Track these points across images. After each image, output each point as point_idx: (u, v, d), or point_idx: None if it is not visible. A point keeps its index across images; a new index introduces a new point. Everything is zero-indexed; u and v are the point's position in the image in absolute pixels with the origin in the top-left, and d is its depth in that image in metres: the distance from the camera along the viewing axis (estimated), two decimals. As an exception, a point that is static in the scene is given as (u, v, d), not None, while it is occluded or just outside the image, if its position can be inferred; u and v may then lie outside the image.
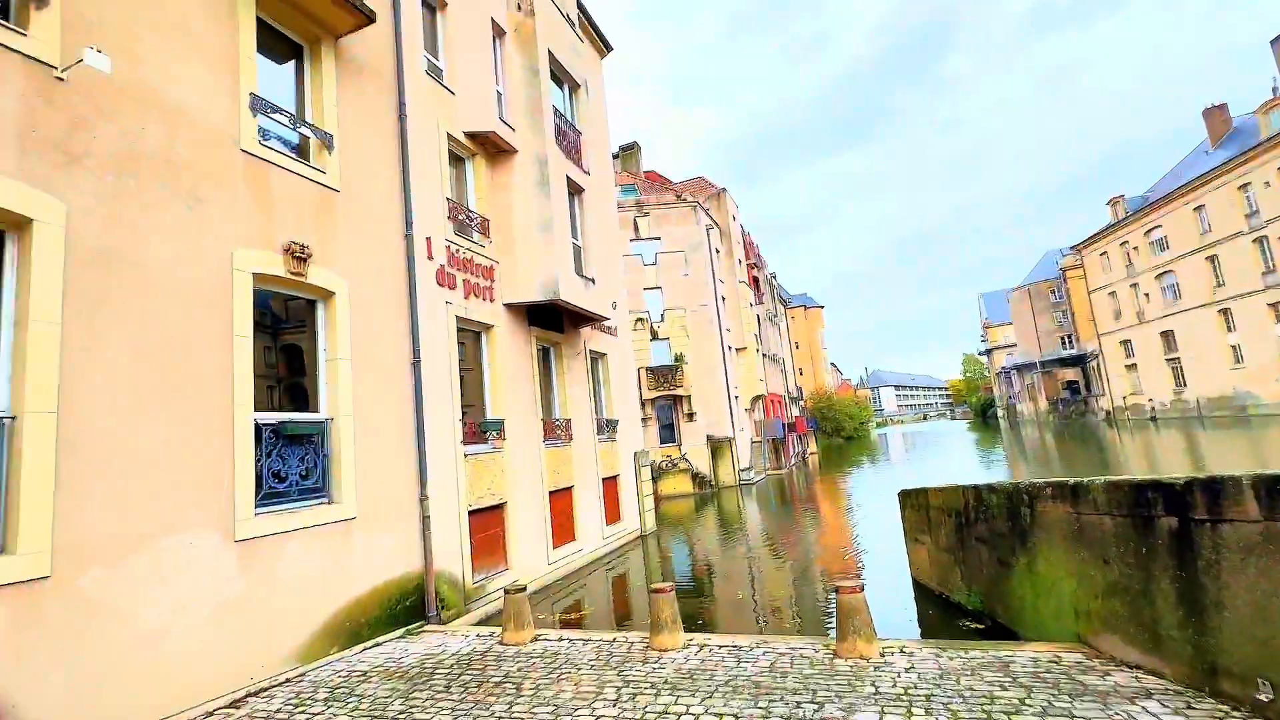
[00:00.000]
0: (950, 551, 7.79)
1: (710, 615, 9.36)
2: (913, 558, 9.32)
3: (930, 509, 8.35)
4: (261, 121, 6.97)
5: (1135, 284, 47.02)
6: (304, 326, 7.54)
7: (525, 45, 12.26)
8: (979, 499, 6.90)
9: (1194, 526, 3.97)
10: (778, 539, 15.44)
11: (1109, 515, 4.75)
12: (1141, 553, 4.42)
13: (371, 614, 7.25)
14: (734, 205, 35.18)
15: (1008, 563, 6.33)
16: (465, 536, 9.15)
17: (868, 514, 17.70)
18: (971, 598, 7.17)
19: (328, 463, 7.18)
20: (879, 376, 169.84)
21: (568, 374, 13.15)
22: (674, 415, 27.31)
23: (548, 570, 11.28)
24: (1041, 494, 5.64)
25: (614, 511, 14.56)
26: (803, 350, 69.83)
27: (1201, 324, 40.80)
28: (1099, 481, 4.84)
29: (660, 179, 37.43)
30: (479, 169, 11.22)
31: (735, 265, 33.15)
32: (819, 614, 8.95)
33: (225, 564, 5.76)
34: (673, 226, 28.95)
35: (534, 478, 11.33)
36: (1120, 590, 4.65)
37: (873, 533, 14.52)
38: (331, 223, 7.62)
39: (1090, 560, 4.98)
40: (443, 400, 9.09)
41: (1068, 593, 5.32)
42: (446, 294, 9.61)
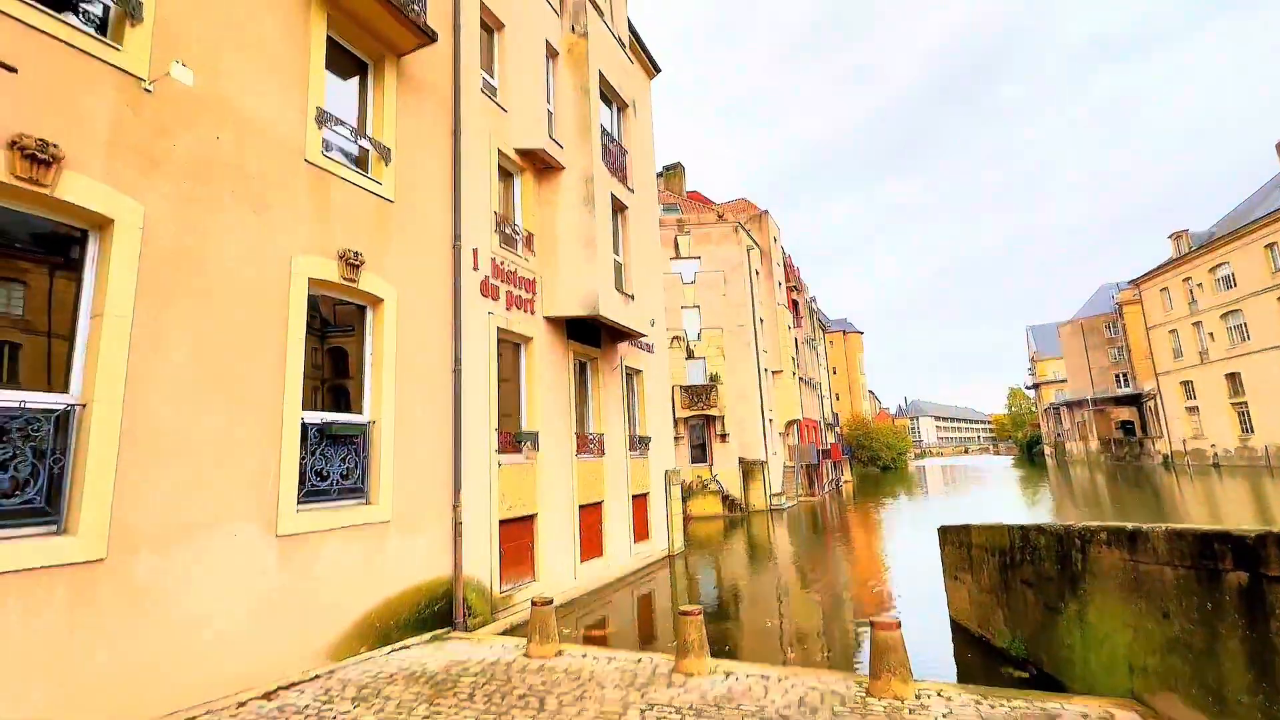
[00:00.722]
0: (992, 593, 7.45)
1: (737, 641, 9.15)
2: (951, 597, 8.95)
3: (972, 547, 8.02)
4: (325, 134, 7.30)
5: (1198, 322, 44.76)
6: (351, 330, 7.79)
7: (577, 66, 12.56)
8: (1026, 539, 6.59)
9: (1267, 583, 3.70)
10: (808, 568, 15.05)
11: (1170, 565, 4.47)
12: (1206, 608, 4.14)
13: (401, 616, 7.34)
14: (776, 227, 35.04)
15: (1055, 608, 6.01)
16: (495, 545, 9.21)
17: (903, 548, 17.12)
18: (1015, 643, 6.83)
19: (367, 464, 7.35)
20: (919, 406, 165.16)
21: (603, 389, 13.21)
22: (706, 435, 27.08)
23: (574, 585, 11.24)
24: (1095, 538, 5.36)
25: (642, 529, 14.46)
26: (840, 376, 68.55)
27: (1272, 367, 38.47)
28: (1160, 529, 4.57)
29: (702, 199, 37.61)
30: (526, 184, 11.48)
31: (775, 287, 32.91)
32: (849, 648, 8.66)
33: (266, 557, 5.93)
34: (713, 246, 28.98)
35: (565, 491, 11.36)
36: (1182, 647, 4.36)
37: (908, 568, 14.02)
38: (384, 232, 7.88)
39: (1148, 612, 4.69)
40: (480, 409, 9.22)
41: (1122, 645, 5.01)
42: (489, 304, 9.81)
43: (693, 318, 28.15)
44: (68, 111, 4.91)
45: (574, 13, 12.80)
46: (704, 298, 28.22)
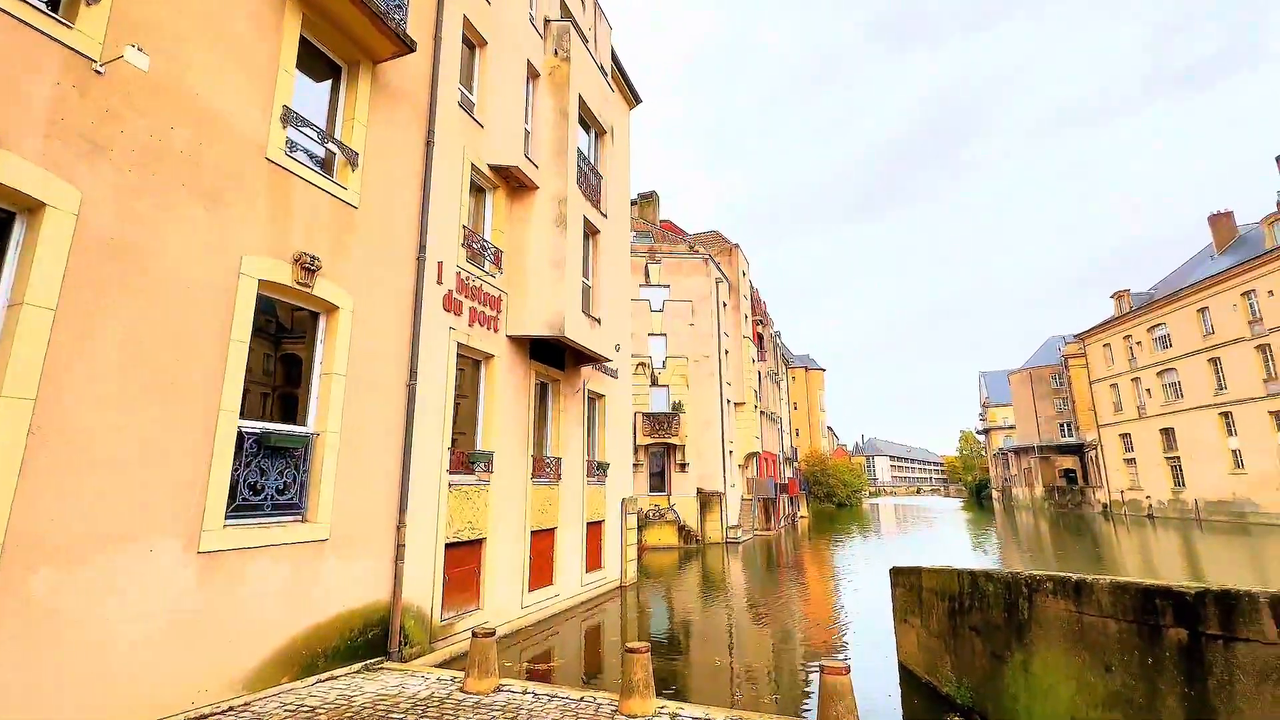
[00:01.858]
0: (941, 638, 7.45)
1: (685, 680, 8.91)
2: (901, 640, 8.93)
3: (923, 590, 8.04)
4: (290, 133, 7.07)
5: (1137, 378, 47.13)
6: (305, 338, 7.46)
7: (558, 88, 12.62)
8: (975, 586, 6.63)
9: (1205, 642, 3.75)
10: (761, 604, 14.90)
11: (1113, 619, 4.52)
12: (1147, 663, 4.18)
13: (330, 644, 6.89)
14: (745, 261, 35.65)
15: (1002, 657, 6.02)
16: (439, 570, 8.81)
17: (855, 587, 17.16)
18: (961, 691, 6.81)
19: (307, 479, 6.96)
20: (875, 445, 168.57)
21: (564, 412, 12.99)
22: (666, 464, 26.93)
23: (521, 614, 10.84)
24: (1042, 588, 5.40)
25: (595, 558, 14.12)
26: (801, 411, 69.53)
27: (1202, 425, 40.65)
28: (1104, 581, 4.63)
29: (675, 229, 38.10)
30: (499, 201, 11.36)
31: (741, 320, 33.33)
32: (798, 691, 8.50)
33: (184, 576, 5.49)
34: (683, 276, 29.26)
35: (517, 515, 11.02)
36: (1123, 702, 4.38)
37: (860, 607, 14.02)
38: (345, 238, 7.63)
39: (1091, 665, 4.72)
40: (434, 426, 8.91)
41: (1065, 698, 5.02)
42: (451, 319, 9.57)
43: (659, 345, 28.21)
44: (5, 86, 4.60)
45: (558, 36, 12.91)
46: (671, 326, 28.35)
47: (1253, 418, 36.79)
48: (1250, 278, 36.70)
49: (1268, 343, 35.58)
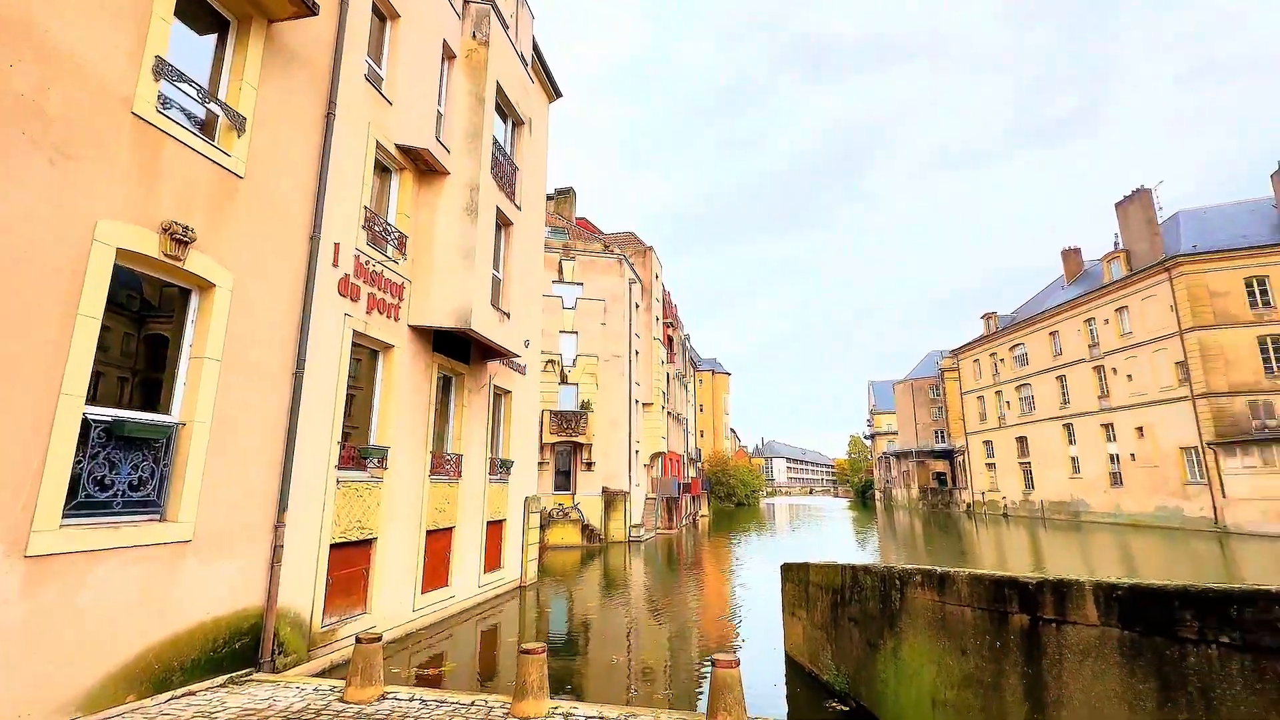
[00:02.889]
0: (824, 629, 7.92)
1: (582, 679, 8.89)
2: (788, 632, 9.41)
3: (810, 585, 8.51)
4: (165, 88, 6.34)
5: (999, 391, 52.64)
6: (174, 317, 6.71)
7: (475, 73, 12.20)
8: (855, 579, 7.10)
9: (1042, 625, 4.24)
10: (660, 601, 15.18)
11: (970, 607, 5.00)
12: (996, 646, 4.66)
13: (189, 656, 6.23)
14: (659, 264, 36.20)
15: (876, 645, 6.49)
16: (321, 573, 8.23)
17: (751, 582, 17.89)
18: (839, 678, 7.27)
19: (169, 473, 6.26)
20: (774, 447, 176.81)
21: (467, 407, 12.57)
22: (572, 463, 26.78)
23: (413, 617, 10.37)
24: (912, 580, 5.88)
25: (495, 558, 13.78)
26: (706, 413, 71.57)
27: (1049, 435, 46.10)
28: (964, 574, 5.11)
29: (591, 227, 38.01)
30: (405, 184, 10.81)
31: (653, 322, 33.81)
32: (692, 686, 8.73)
33: (6, 583, 4.76)
34: (597, 275, 29.23)
35: (412, 514, 10.53)
36: (974, 682, 4.86)
37: (753, 602, 14.62)
38: (227, 210, 6.95)
39: (950, 650, 5.19)
40: (322, 419, 8.32)
41: (927, 680, 5.49)
42: (347, 305, 8.98)
43: (570, 343, 28.01)
44: None
45: (477, 20, 12.48)
46: (583, 324, 28.24)
47: (1089, 429, 42.17)
48: (1090, 307, 42.07)
49: (1102, 364, 40.91)
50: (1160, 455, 36.17)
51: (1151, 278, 36.67)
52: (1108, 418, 40.38)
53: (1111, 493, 39.93)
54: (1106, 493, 40.32)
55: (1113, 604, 3.66)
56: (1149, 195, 39.32)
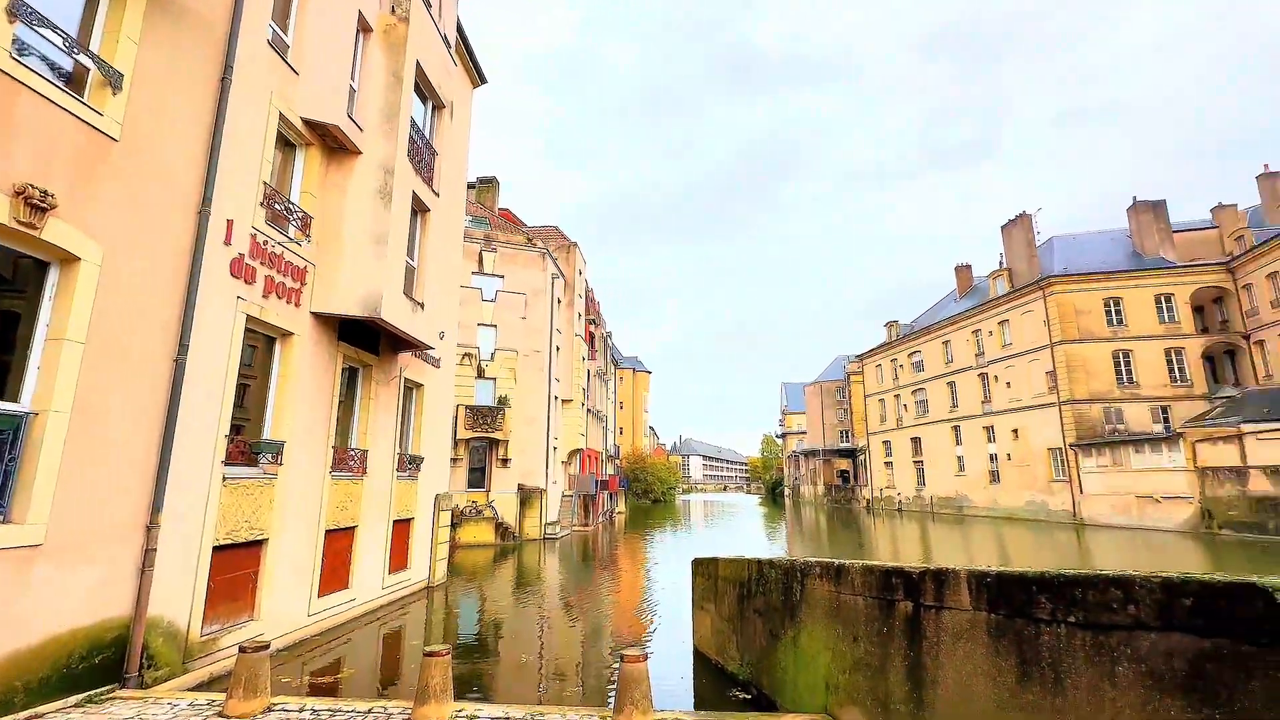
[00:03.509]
0: (730, 621, 8.19)
1: (490, 681, 8.70)
2: (697, 626, 9.65)
3: (718, 579, 8.77)
4: (21, 32, 5.59)
5: (898, 395, 56.50)
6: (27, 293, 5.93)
7: (393, 49, 11.61)
8: (761, 572, 7.39)
9: (923, 611, 4.59)
10: (574, 599, 15.13)
11: (862, 596, 5.33)
12: (883, 632, 4.99)
13: (37, 674, 5.55)
14: (583, 260, 36.01)
15: (778, 635, 6.79)
16: (202, 577, 7.57)
17: (664, 578, 18.19)
18: (743, 668, 7.54)
19: (15, 469, 5.54)
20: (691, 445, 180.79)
21: (374, 400, 11.97)
22: (488, 459, 26.14)
23: (308, 622, 9.75)
24: (812, 572, 6.20)
25: (401, 558, 13.22)
26: (626, 411, 72.02)
27: (940, 436, 50.02)
28: (858, 565, 5.44)
29: (514, 219, 37.22)
30: (312, 161, 10.13)
31: (575, 318, 33.60)
32: (603, 682, 8.77)
33: None
34: (518, 268, 28.67)
35: (310, 512, 9.90)
36: (864, 666, 5.19)
37: (665, 598, 14.88)
38: (97, 175, 6.23)
39: (843, 637, 5.52)
40: (207, 410, 7.65)
41: (822, 666, 5.81)
42: (240, 287, 8.30)
43: (488, 336, 27.32)
44: None
45: (396, -6, 11.87)
46: (502, 318, 27.62)
47: (973, 431, 46.10)
48: (978, 320, 46.01)
49: (986, 372, 44.85)
50: (1031, 455, 40.15)
51: (1029, 295, 40.60)
52: (989, 421, 44.33)
53: (990, 489, 43.88)
54: (986, 489, 44.27)
55: (983, 590, 4.03)
56: (1029, 220, 43.47)
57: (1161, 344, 36.60)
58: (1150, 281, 37.52)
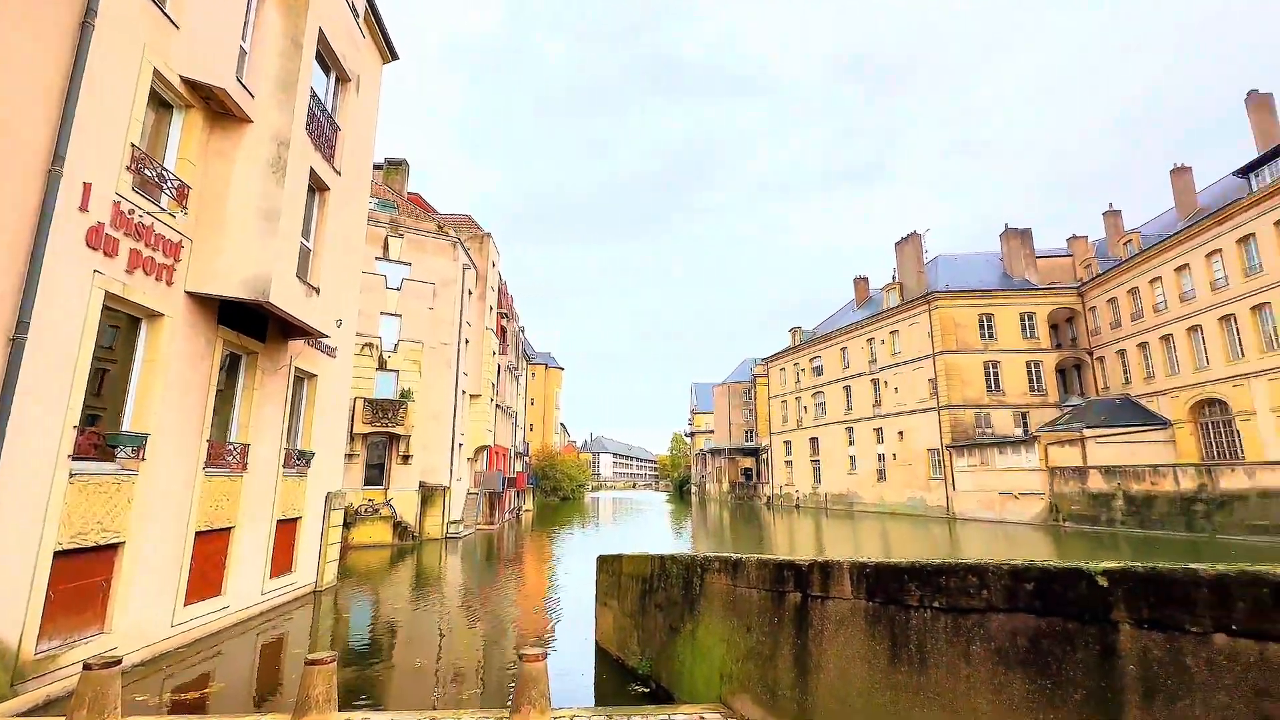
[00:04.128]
0: (633, 617, 8.29)
1: (382, 687, 8.29)
2: (599, 622, 9.70)
3: (622, 575, 8.86)
4: None
5: (799, 397, 59.57)
6: None
7: (292, 13, 10.76)
8: (663, 568, 7.54)
9: (810, 601, 4.87)
10: (476, 598, 14.73)
11: (756, 589, 5.58)
12: (774, 622, 5.25)
13: None
14: (496, 252, 35.11)
15: (677, 629, 6.96)
16: (40, 586, 6.67)
17: (570, 575, 18.12)
18: (643, 663, 7.67)
19: None
20: (602, 443, 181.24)
21: (259, 390, 11.05)
22: (388, 455, 24.88)
23: (172, 633, 8.86)
24: (711, 566, 6.41)
25: (285, 560, 12.31)
26: (537, 407, 71.03)
27: (835, 437, 53.29)
28: (753, 560, 5.69)
29: (425, 205, 35.65)
30: (192, 125, 9.19)
31: (486, 311, 32.69)
32: (505, 682, 8.61)
33: None
34: (428, 256, 27.48)
35: (178, 513, 8.99)
36: (756, 655, 5.43)
37: (570, 595, 14.83)
38: (-88, 119, 5.32)
39: (738, 628, 5.75)
40: (52, 397, 6.75)
41: (718, 657, 6.02)
42: (99, 260, 7.38)
43: (392, 326, 25.98)
44: None
45: (298, -47, 11.01)
46: (408, 307, 26.36)
47: (864, 432, 49.47)
48: (872, 329, 49.43)
49: (878, 377, 48.26)
50: (914, 455, 43.66)
51: (916, 308, 44.12)
52: (879, 423, 47.74)
53: (878, 486, 47.29)
54: (874, 486, 47.66)
55: (862, 580, 4.34)
56: (919, 239, 47.22)
57: (1024, 357, 41.01)
58: (1016, 301, 41.93)
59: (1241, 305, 29.03)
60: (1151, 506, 28.72)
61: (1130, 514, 29.46)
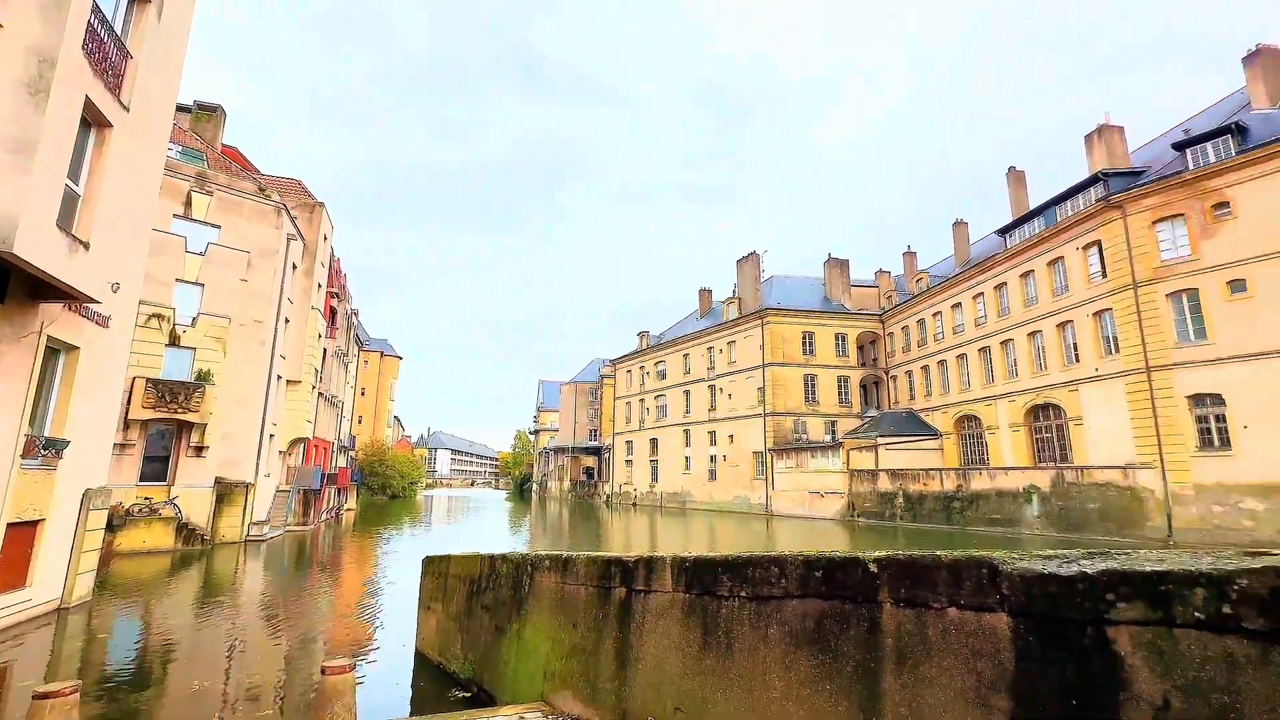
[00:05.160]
0: (458, 620, 7.98)
1: (147, 717, 7.07)
2: (421, 628, 9.20)
3: (449, 576, 8.48)
4: None
5: (643, 399, 61.73)
6: None
7: (70, -96, 8.81)
8: (493, 567, 7.36)
9: (634, 596, 5.05)
10: (281, 609, 13.17)
11: (585, 586, 5.66)
12: (599, 618, 5.37)
13: None
14: (330, 225, 31.83)
15: (504, 629, 6.83)
16: None
17: (393, 579, 16.95)
18: (465, 666, 7.41)
19: None
20: (440, 438, 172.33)
21: (-9, 362, 8.88)
22: (175, 446, 21.34)
23: None
24: (541, 565, 6.38)
25: (17, 573, 10.03)
26: (369, 398, 65.58)
27: (673, 438, 56.05)
28: (583, 556, 5.76)
29: (245, 162, 31.20)
30: (-96, 15, 7.13)
31: (314, 289, 29.45)
32: (309, 698, 7.79)
33: None
34: (242, 220, 24.08)
35: None
36: (580, 651, 5.51)
37: (392, 600, 13.88)
38: None
39: (564, 625, 5.79)
40: None
41: (543, 656, 6.01)
42: None
43: (191, 297, 22.35)
44: None
45: None
46: (214, 276, 22.87)
47: (700, 435, 52.65)
48: (712, 338, 52.84)
49: (715, 384, 51.67)
50: (742, 457, 47.39)
51: (751, 322, 48.01)
52: (713, 426, 51.12)
53: (709, 485, 50.59)
54: (705, 486, 50.91)
55: (681, 574, 4.60)
56: (757, 258, 51.43)
57: (836, 372, 46.51)
58: (832, 322, 47.48)
59: (994, 339, 35.65)
60: (923, 504, 34.12)
61: (907, 510, 34.73)
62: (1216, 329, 24.36)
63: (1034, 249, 33.02)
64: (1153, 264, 26.46)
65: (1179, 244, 25.87)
